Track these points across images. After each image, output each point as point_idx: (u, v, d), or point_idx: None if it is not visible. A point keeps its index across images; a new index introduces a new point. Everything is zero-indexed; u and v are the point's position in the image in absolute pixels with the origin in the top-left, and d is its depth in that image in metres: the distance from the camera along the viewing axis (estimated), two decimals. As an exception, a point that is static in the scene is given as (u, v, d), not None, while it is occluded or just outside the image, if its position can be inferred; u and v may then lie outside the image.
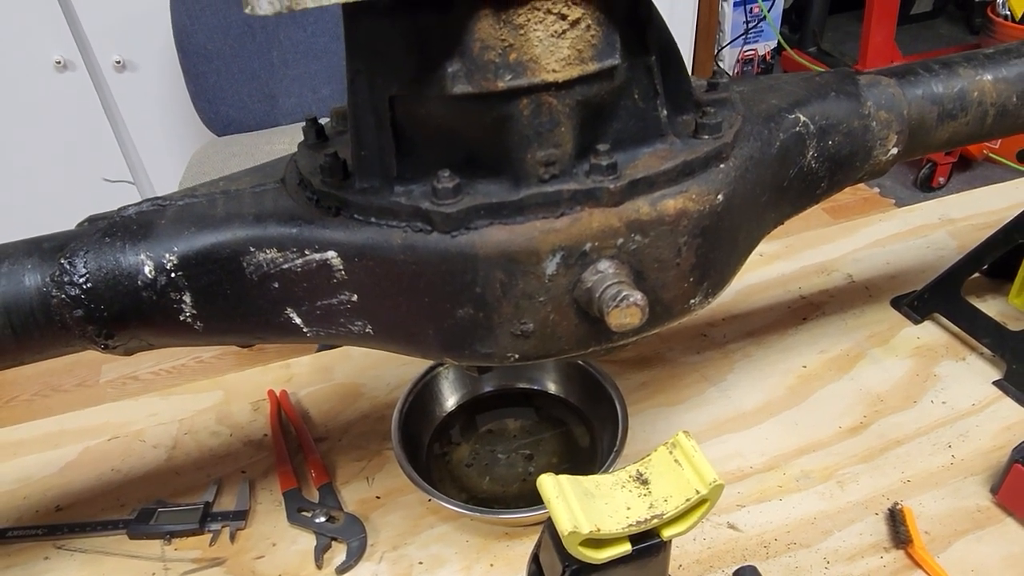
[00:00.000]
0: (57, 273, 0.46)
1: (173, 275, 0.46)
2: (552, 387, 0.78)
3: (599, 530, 0.38)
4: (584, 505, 0.39)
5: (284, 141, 1.42)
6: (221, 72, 1.44)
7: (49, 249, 0.47)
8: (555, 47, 0.38)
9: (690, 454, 0.41)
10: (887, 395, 0.77)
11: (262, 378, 0.83)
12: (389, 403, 0.79)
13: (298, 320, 0.48)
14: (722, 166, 0.46)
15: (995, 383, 0.76)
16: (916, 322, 0.85)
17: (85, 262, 0.46)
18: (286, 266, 0.46)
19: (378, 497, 0.70)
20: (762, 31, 2.92)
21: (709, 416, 0.76)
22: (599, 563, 0.39)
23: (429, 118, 0.41)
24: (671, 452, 0.42)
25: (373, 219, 0.44)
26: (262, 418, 0.78)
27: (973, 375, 0.78)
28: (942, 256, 0.94)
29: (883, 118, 0.57)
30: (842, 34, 2.98)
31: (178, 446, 0.76)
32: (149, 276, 0.46)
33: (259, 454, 0.74)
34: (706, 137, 0.46)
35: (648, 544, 0.40)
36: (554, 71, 0.39)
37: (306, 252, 0.46)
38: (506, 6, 0.37)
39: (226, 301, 0.47)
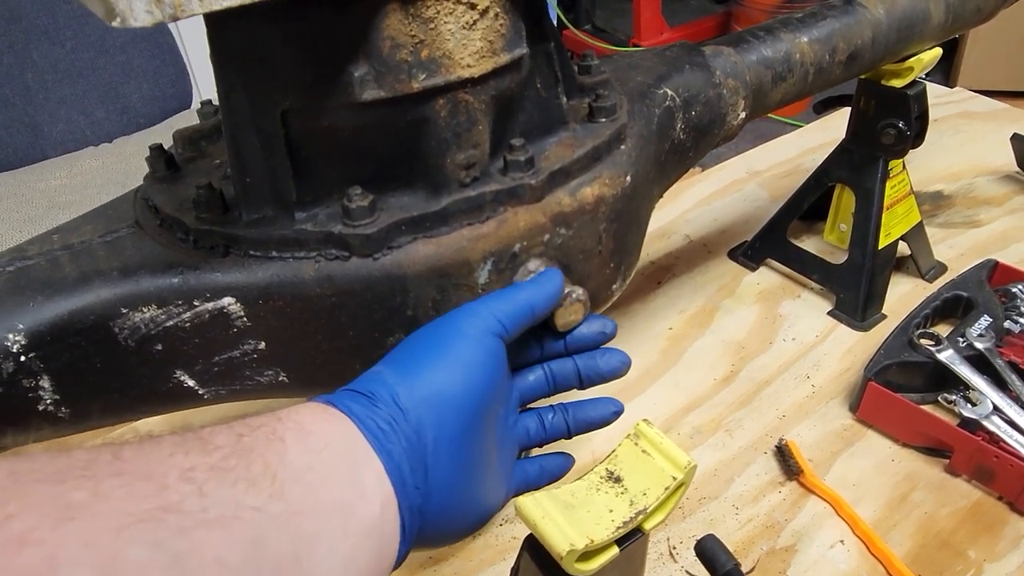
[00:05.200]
0: None
1: (23, 358, 0.37)
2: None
3: (593, 542, 0.36)
4: (569, 518, 0.37)
5: (59, 176, 1.21)
6: (-37, 103, 1.19)
7: None
8: (467, 40, 0.35)
9: (657, 441, 0.41)
10: (746, 341, 0.82)
11: (104, 451, 0.71)
12: (267, 448, 0.71)
13: (192, 382, 0.41)
14: (623, 147, 0.46)
15: (829, 313, 0.85)
16: (752, 269, 0.92)
17: None
18: (171, 323, 0.39)
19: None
20: (543, 11, 3.03)
21: (596, 393, 0.77)
22: (592, 574, 0.38)
23: (332, 131, 0.36)
24: (636, 443, 0.41)
25: (274, 253, 0.38)
26: (117, 498, 0.67)
27: (810, 309, 0.86)
28: (758, 206, 1.03)
29: (731, 85, 0.60)
30: (611, 11, 3.19)
31: (15, 554, 0.63)
32: (-10, 365, 0.37)
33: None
34: (603, 120, 0.46)
35: (632, 541, 0.39)
36: (469, 66, 0.36)
37: (195, 303, 0.39)
38: (414, -1, 0.33)
39: (97, 377, 0.39)
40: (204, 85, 1.56)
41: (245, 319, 0.39)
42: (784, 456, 0.69)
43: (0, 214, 1.16)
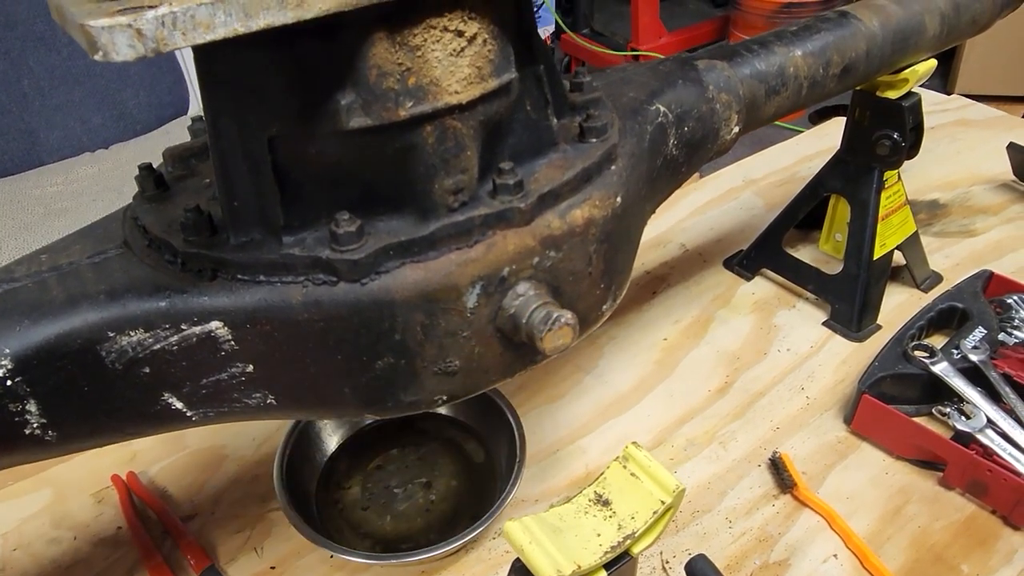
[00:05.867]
0: None
1: (9, 382, 0.37)
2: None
3: (580, 567, 0.36)
4: (556, 543, 0.37)
5: (55, 182, 1.21)
6: (-41, 109, 1.18)
7: None
8: (455, 67, 0.35)
9: (645, 465, 0.41)
10: (741, 352, 0.82)
11: (98, 463, 0.71)
12: (261, 460, 0.72)
13: (179, 405, 0.41)
14: (613, 167, 0.46)
15: (824, 324, 0.85)
16: (748, 279, 0.92)
17: None
18: (158, 347, 0.39)
19: (273, 567, 0.63)
20: (540, 16, 3.05)
21: (591, 404, 0.77)
22: (579, 598, 0.38)
23: (320, 157, 0.36)
24: (625, 466, 0.41)
25: (262, 277, 0.38)
26: (111, 510, 0.67)
27: (805, 320, 0.86)
28: (754, 215, 1.03)
29: (724, 100, 0.60)
30: (609, 15, 3.19)
31: (8, 567, 0.63)
32: (-23, 390, 0.37)
33: (117, 552, 0.64)
34: (594, 140, 0.45)
35: (620, 565, 0.39)
36: (456, 92, 0.36)
37: (182, 327, 0.39)
38: (401, 27, 0.33)
39: (84, 400, 0.39)
40: (201, 90, 1.56)
41: (233, 343, 0.39)
42: (778, 469, 0.69)
43: (-3, 221, 1.17)
